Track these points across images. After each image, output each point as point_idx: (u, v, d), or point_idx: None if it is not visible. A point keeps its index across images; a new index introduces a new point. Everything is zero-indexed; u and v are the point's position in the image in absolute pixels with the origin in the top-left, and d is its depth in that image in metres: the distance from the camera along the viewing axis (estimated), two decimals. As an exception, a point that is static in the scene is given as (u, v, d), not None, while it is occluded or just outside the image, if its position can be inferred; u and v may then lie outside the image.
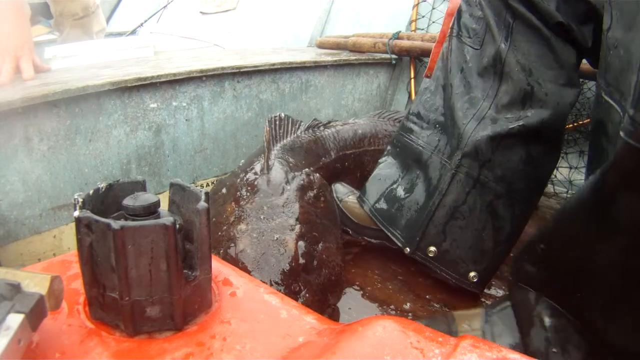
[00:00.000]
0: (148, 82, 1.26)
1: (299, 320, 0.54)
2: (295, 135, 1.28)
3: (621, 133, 0.53)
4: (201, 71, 1.36)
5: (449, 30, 1.07)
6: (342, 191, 1.25)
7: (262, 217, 0.93)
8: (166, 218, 0.46)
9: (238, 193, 1.01)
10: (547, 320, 0.71)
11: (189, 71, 1.34)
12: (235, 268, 0.63)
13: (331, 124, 1.42)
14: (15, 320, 0.40)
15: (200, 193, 0.50)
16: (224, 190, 1.06)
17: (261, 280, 0.69)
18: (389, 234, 1.08)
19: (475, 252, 0.98)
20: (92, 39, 2.88)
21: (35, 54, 1.41)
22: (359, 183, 1.33)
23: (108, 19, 3.48)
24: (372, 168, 1.23)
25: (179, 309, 0.48)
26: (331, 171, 1.32)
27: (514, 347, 0.75)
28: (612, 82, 0.66)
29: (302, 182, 1.04)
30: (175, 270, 0.47)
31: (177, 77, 1.32)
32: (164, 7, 3.19)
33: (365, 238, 1.18)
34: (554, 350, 0.71)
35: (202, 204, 0.49)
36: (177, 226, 0.46)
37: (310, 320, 0.54)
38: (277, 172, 1.05)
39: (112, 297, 0.47)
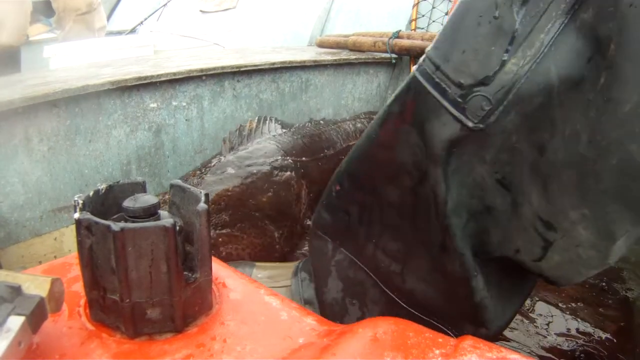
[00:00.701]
0: (148, 81, 1.25)
1: (299, 322, 0.54)
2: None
3: (413, 68, 0.63)
4: (201, 70, 1.36)
5: None
6: None
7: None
8: (166, 220, 0.46)
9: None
10: (345, 273, 0.72)
11: (189, 70, 1.34)
12: (235, 270, 0.63)
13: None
14: (15, 322, 0.40)
15: (200, 194, 0.50)
16: None
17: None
18: None
19: None
20: (94, 35, 2.88)
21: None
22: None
23: (108, 18, 3.47)
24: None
25: (179, 310, 0.48)
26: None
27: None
28: None
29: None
30: (175, 272, 0.47)
31: (177, 77, 1.32)
32: (164, 5, 3.19)
33: None
34: (353, 302, 0.74)
35: (202, 205, 0.49)
36: (177, 228, 0.46)
37: (310, 321, 0.54)
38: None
39: (112, 299, 0.47)
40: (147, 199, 0.49)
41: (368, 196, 0.69)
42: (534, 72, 0.56)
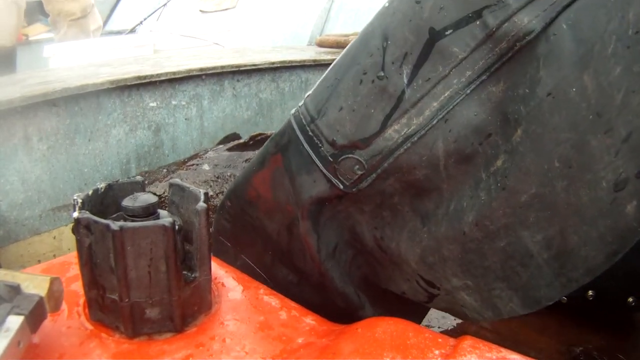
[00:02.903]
0: (147, 80, 1.25)
1: (298, 322, 0.54)
2: None
3: (292, 111, 0.60)
4: (201, 70, 1.36)
5: None
6: None
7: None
8: (165, 219, 0.46)
9: None
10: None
11: (189, 70, 1.34)
12: (235, 270, 0.63)
13: None
14: (15, 322, 0.40)
15: (199, 194, 0.50)
16: None
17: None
18: None
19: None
20: (89, 37, 2.88)
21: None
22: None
23: (108, 17, 3.47)
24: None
25: (179, 310, 0.48)
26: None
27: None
28: None
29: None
30: (174, 272, 0.47)
31: (177, 76, 1.32)
32: (164, 5, 3.19)
33: None
34: None
35: (202, 204, 0.49)
36: (177, 227, 0.46)
37: (309, 321, 0.54)
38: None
39: (111, 298, 0.47)
40: (146, 198, 0.49)
41: (255, 218, 0.67)
42: (417, 143, 0.52)
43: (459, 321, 1.03)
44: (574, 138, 0.46)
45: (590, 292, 0.98)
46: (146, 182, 1.13)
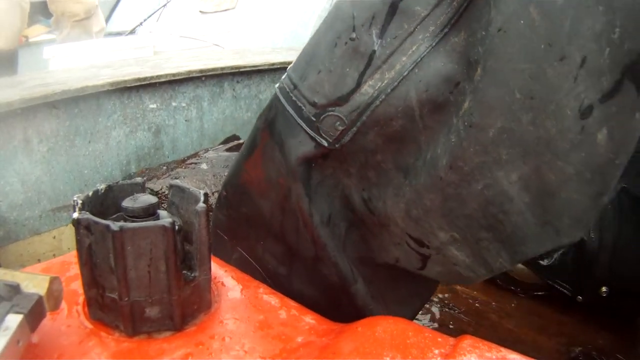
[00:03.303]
0: (147, 82, 1.25)
1: (298, 321, 0.54)
2: None
3: (276, 85, 0.64)
4: (200, 71, 1.36)
5: None
6: None
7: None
8: (165, 219, 0.46)
9: None
10: (242, 270, 0.71)
11: (189, 71, 1.34)
12: (234, 269, 0.63)
13: None
14: (14, 320, 0.40)
15: (199, 194, 0.50)
16: None
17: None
18: (557, 286, 1.08)
19: None
20: (92, 38, 2.88)
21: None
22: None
23: (107, 19, 3.47)
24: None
25: (178, 309, 0.48)
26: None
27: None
28: None
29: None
30: (174, 271, 0.47)
31: (177, 77, 1.32)
32: (164, 6, 3.19)
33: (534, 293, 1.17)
34: None
35: (201, 205, 0.49)
36: (176, 227, 0.46)
37: (309, 320, 0.54)
38: None
39: (111, 297, 0.47)
40: (146, 198, 0.49)
41: (249, 205, 0.70)
42: (391, 95, 0.55)
43: (459, 321, 1.03)
44: (531, 68, 0.48)
45: (604, 289, 0.99)
46: (145, 178, 1.14)
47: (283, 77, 0.63)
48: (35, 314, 0.42)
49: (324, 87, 0.58)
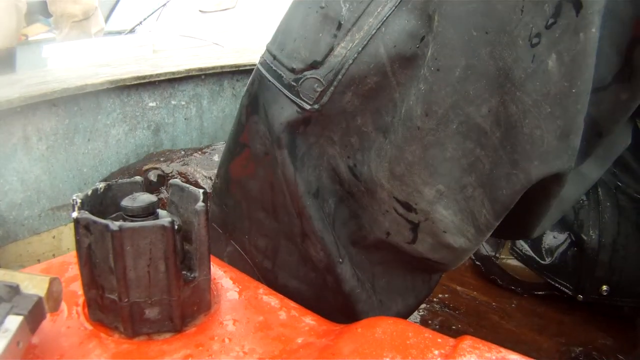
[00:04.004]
0: (147, 80, 1.25)
1: (298, 322, 0.54)
2: None
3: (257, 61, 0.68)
4: (200, 69, 1.36)
5: None
6: (488, 248, 1.21)
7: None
8: (165, 219, 0.46)
9: None
10: (235, 265, 0.72)
11: (188, 69, 1.34)
12: (234, 269, 0.63)
13: None
14: (14, 322, 0.40)
15: (199, 193, 0.50)
16: None
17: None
18: (557, 285, 1.08)
19: None
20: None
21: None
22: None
23: (107, 18, 3.47)
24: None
25: (178, 310, 0.48)
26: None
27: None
28: None
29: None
30: (174, 272, 0.47)
31: (176, 76, 1.32)
32: (163, 5, 3.19)
33: (534, 292, 1.17)
34: None
35: (201, 204, 0.49)
36: (176, 227, 0.46)
37: (309, 321, 0.54)
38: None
39: (110, 298, 0.47)
40: (145, 198, 0.49)
41: (238, 191, 0.72)
42: (362, 53, 0.58)
43: (459, 322, 1.03)
44: (480, 6, 0.51)
45: (604, 288, 0.99)
46: (162, 159, 1.14)
47: (263, 53, 0.67)
48: (35, 315, 0.41)
49: (300, 54, 0.61)
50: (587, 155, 0.64)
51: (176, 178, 1.11)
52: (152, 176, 1.13)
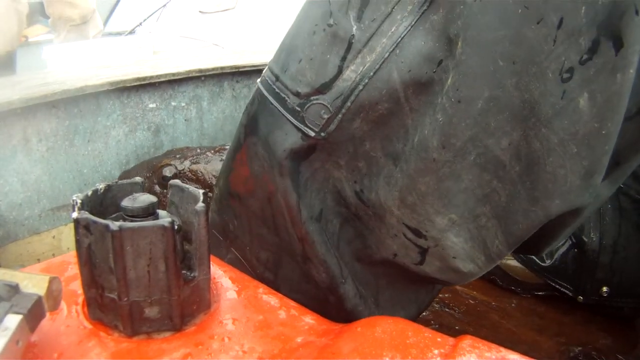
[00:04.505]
0: (147, 82, 1.25)
1: (297, 321, 0.54)
2: None
3: (258, 80, 0.64)
4: (200, 71, 1.36)
5: None
6: None
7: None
8: (164, 219, 0.46)
9: None
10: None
11: (188, 71, 1.34)
12: (234, 269, 0.63)
13: None
14: (13, 321, 0.40)
15: (198, 194, 0.50)
16: None
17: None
18: (557, 286, 1.08)
19: None
20: None
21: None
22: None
23: (107, 19, 3.47)
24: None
25: (178, 309, 0.48)
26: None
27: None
28: None
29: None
30: (173, 271, 0.47)
31: (176, 77, 1.32)
32: (163, 6, 3.19)
33: (535, 293, 1.17)
34: None
35: (201, 204, 0.49)
36: (176, 227, 0.46)
37: (309, 320, 0.54)
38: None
39: (110, 297, 0.47)
40: (145, 198, 0.49)
41: (238, 205, 0.69)
42: (373, 78, 0.53)
43: (459, 321, 1.03)
44: (510, 33, 0.47)
45: (604, 289, 0.99)
46: (178, 156, 1.15)
47: (264, 70, 0.63)
48: (34, 314, 0.41)
49: (306, 76, 0.57)
50: (602, 181, 0.63)
51: (187, 174, 1.12)
52: (168, 172, 1.14)
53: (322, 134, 0.57)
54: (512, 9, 0.46)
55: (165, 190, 0.98)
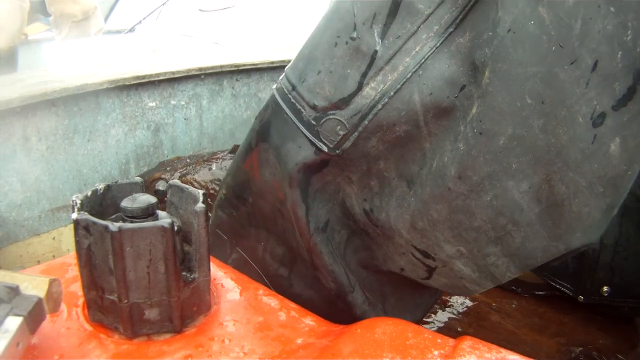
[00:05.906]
0: (146, 80, 1.25)
1: (297, 323, 0.54)
2: None
3: (273, 86, 0.62)
4: (200, 69, 1.36)
5: None
6: None
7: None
8: (164, 220, 0.46)
9: None
10: (240, 271, 0.71)
11: (188, 69, 1.34)
12: (234, 270, 0.63)
13: None
14: (13, 323, 0.39)
15: (198, 194, 0.50)
16: None
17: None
18: (558, 286, 1.08)
19: None
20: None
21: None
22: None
23: (107, 17, 3.46)
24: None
25: (178, 311, 0.48)
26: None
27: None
28: None
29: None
30: (173, 273, 0.47)
31: (176, 76, 1.31)
32: (163, 4, 3.18)
33: (535, 293, 1.17)
34: None
35: (200, 205, 0.48)
36: (176, 228, 0.46)
37: (308, 322, 0.54)
38: None
39: (110, 299, 0.47)
40: (145, 198, 0.49)
41: (250, 205, 0.68)
42: (394, 98, 0.52)
43: (459, 322, 1.03)
44: (542, 71, 0.46)
45: (605, 289, 0.99)
46: (168, 168, 1.16)
47: (281, 77, 0.61)
48: (34, 316, 0.41)
49: (324, 89, 0.56)
50: None
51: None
52: (161, 186, 1.15)
53: (337, 151, 0.56)
54: (547, 46, 0.45)
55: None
